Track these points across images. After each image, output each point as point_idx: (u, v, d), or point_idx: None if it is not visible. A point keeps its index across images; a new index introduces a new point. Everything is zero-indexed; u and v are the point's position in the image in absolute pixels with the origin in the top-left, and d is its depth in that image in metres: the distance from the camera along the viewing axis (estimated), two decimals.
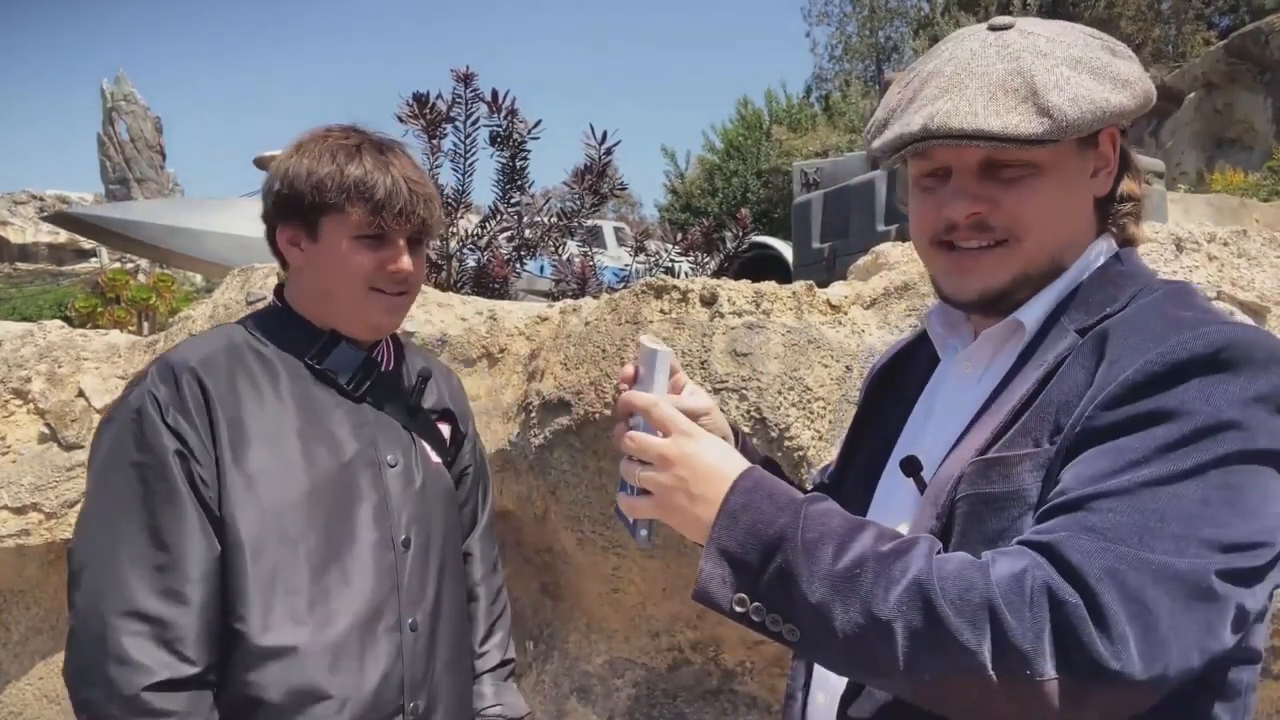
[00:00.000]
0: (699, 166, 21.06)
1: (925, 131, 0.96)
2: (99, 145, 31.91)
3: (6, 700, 2.66)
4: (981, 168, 0.99)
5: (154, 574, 1.23)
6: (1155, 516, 0.82)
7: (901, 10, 21.68)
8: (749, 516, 0.90)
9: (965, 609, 0.81)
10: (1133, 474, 0.84)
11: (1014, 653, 0.79)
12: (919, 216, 1.05)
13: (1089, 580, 0.80)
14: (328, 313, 1.41)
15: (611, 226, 11.63)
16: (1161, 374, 0.87)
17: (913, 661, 0.82)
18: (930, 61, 1.03)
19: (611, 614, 2.33)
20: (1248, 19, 15.58)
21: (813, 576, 0.86)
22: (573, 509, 2.20)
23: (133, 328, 11.11)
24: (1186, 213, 6.72)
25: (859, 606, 0.84)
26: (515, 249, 4.28)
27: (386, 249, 1.38)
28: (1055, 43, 0.99)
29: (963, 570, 0.84)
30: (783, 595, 0.87)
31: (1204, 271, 1.76)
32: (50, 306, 18.27)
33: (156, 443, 1.26)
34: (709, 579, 0.89)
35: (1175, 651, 0.80)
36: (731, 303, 2.09)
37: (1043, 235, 1.00)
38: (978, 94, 0.96)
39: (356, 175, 1.34)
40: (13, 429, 2.66)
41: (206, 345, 1.38)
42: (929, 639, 0.81)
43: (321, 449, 1.35)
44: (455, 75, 4.10)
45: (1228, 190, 9.84)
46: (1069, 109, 0.94)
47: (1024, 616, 0.80)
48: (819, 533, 0.88)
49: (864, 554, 0.86)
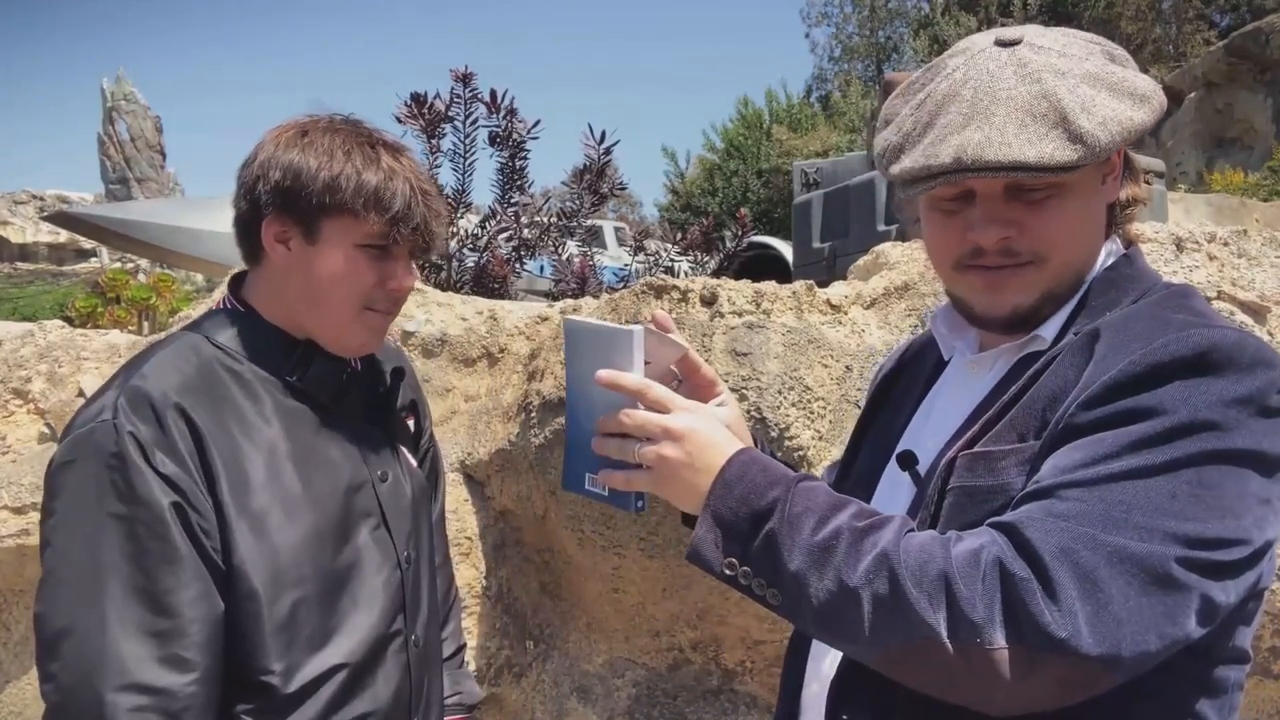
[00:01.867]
0: (699, 166, 21.09)
1: (958, 164, 0.95)
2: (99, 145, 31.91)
3: (6, 700, 2.66)
4: (1006, 190, 0.99)
5: (153, 641, 1.09)
6: (1121, 507, 0.84)
7: (901, 10, 21.69)
8: (743, 487, 0.95)
9: (924, 581, 0.85)
10: (1104, 466, 0.86)
11: (966, 623, 0.82)
12: (942, 240, 1.04)
13: (1043, 556, 0.83)
14: (307, 323, 1.28)
15: (611, 226, 11.62)
16: (1143, 374, 0.88)
17: (876, 630, 0.86)
18: (943, 80, 1.01)
19: (611, 614, 2.33)
20: (1248, 19, 15.57)
21: (794, 546, 0.91)
22: (573, 509, 2.20)
23: (133, 328, 11.11)
24: (1187, 213, 6.72)
25: (831, 575, 0.89)
26: (515, 249, 4.28)
27: (390, 263, 1.27)
28: (1067, 57, 0.99)
29: (925, 545, 0.88)
30: (768, 562, 0.92)
31: (1204, 271, 1.76)
32: (51, 306, 18.27)
33: (148, 495, 1.10)
34: (702, 541, 0.95)
35: (1129, 632, 0.81)
36: (731, 302, 2.09)
37: (1067, 253, 1.01)
38: (1007, 122, 0.95)
39: (375, 181, 1.22)
40: (13, 429, 2.66)
41: (179, 369, 1.20)
42: (891, 608, 0.85)
43: (318, 475, 1.25)
44: (454, 75, 4.10)
45: (1228, 190, 9.84)
46: (1100, 134, 0.94)
47: (976, 588, 0.83)
48: (804, 506, 0.93)
49: (840, 527, 0.91)
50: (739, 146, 19.79)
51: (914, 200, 1.06)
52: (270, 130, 1.27)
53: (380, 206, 1.22)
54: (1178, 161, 12.76)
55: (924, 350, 1.24)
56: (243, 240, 1.29)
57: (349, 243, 1.24)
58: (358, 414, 1.34)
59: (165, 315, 11.55)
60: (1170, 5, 19.38)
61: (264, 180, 1.23)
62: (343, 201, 1.21)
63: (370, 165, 1.23)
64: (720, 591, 2.11)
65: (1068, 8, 17.97)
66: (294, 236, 1.24)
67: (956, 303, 1.09)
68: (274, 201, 1.23)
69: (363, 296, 1.26)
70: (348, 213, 1.22)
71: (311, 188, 1.21)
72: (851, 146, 16.46)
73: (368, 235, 1.24)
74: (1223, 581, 0.85)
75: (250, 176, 1.25)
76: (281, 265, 1.26)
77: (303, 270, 1.25)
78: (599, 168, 4.36)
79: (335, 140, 1.24)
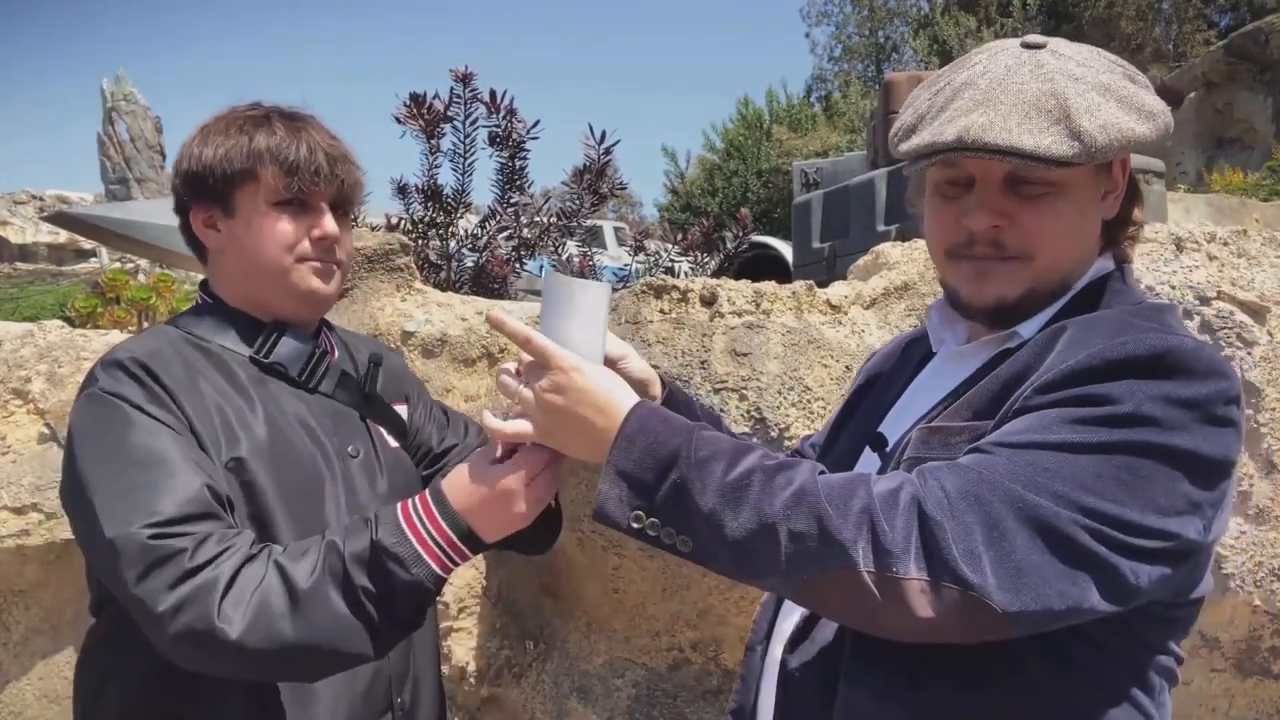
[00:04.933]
0: (699, 166, 21.08)
1: (959, 143, 0.99)
2: (99, 145, 31.90)
3: (6, 700, 2.66)
4: (1005, 182, 1.03)
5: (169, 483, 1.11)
6: (1045, 474, 0.88)
7: (901, 10, 21.68)
8: (645, 439, 0.98)
9: (847, 512, 0.89)
10: (1040, 435, 0.90)
11: (884, 553, 0.87)
12: (939, 223, 1.09)
13: (954, 499, 0.88)
14: (260, 295, 1.33)
15: (611, 226, 11.63)
16: (1099, 366, 0.92)
17: (793, 561, 0.90)
18: (962, 71, 1.05)
19: (611, 614, 2.33)
20: (1248, 19, 15.56)
21: (705, 489, 0.94)
22: (573, 509, 2.20)
23: (133, 328, 11.09)
24: (1187, 213, 6.73)
25: (748, 512, 0.92)
26: (515, 249, 4.28)
27: (309, 215, 1.32)
28: (1086, 67, 1.02)
29: (849, 482, 0.92)
30: (677, 509, 0.95)
31: (1204, 271, 1.76)
32: (52, 306, 18.27)
33: (143, 422, 1.16)
34: (606, 498, 0.98)
35: (1031, 585, 0.85)
36: (731, 303, 2.09)
37: (1055, 254, 1.04)
38: (1013, 110, 0.98)
39: (267, 142, 1.29)
40: (13, 429, 2.66)
41: (145, 343, 1.27)
42: (810, 538, 0.89)
43: (288, 437, 1.28)
44: (454, 75, 4.10)
45: (1228, 190, 9.84)
46: (1099, 135, 0.97)
47: (895, 523, 0.88)
48: (710, 451, 0.96)
49: (752, 467, 0.94)
50: (739, 146, 19.78)
51: (924, 191, 1.11)
52: None
53: (277, 161, 1.29)
54: (1177, 161, 12.76)
55: (913, 344, 1.27)
56: (188, 241, 1.38)
57: (262, 204, 1.30)
58: (333, 395, 1.38)
59: (165, 315, 11.53)
60: (1170, 5, 19.37)
61: (179, 176, 1.33)
62: (242, 168, 1.29)
63: (262, 130, 1.30)
64: (720, 591, 2.11)
65: (1068, 7, 17.97)
66: (217, 217, 1.32)
67: (948, 292, 1.13)
68: (190, 191, 1.32)
69: (290, 251, 1.31)
70: (250, 177, 1.29)
71: (213, 166, 1.29)
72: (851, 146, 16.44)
73: (274, 192, 1.30)
74: (1133, 562, 0.87)
75: (172, 180, 1.36)
76: (218, 248, 1.34)
77: (234, 245, 1.32)
78: (599, 168, 4.36)
79: (231, 122, 1.32)
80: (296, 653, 1.08)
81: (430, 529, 1.13)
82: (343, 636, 1.09)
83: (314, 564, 1.10)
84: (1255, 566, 1.71)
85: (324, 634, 1.08)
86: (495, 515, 1.14)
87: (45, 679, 2.65)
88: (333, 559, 1.11)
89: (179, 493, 1.11)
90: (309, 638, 1.08)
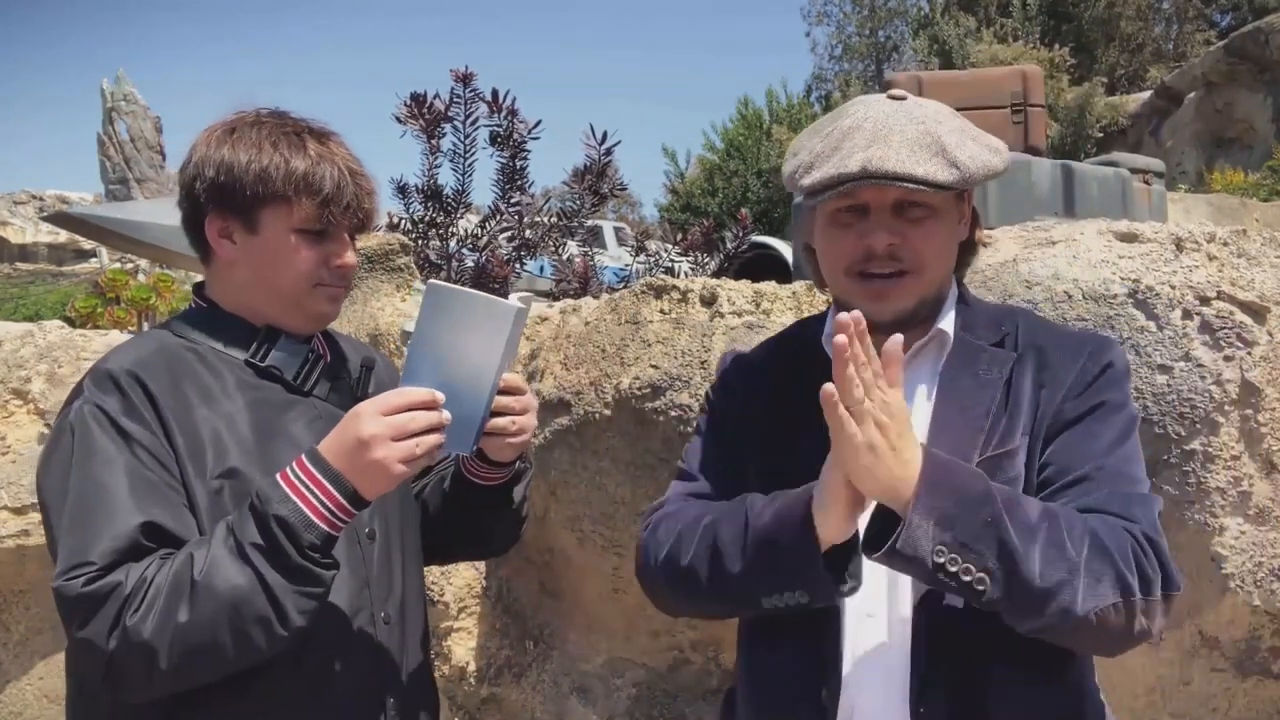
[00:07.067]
0: (699, 166, 21.04)
1: (864, 171, 1.16)
2: (99, 145, 31.88)
3: (6, 700, 2.66)
4: (894, 207, 1.21)
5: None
6: (1127, 480, 1.17)
7: (901, 10, 21.67)
8: (951, 480, 1.08)
9: (1123, 553, 1.08)
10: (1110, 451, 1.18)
11: (1146, 580, 1.08)
12: (839, 247, 1.24)
13: (1148, 531, 1.12)
14: (266, 309, 1.33)
15: (611, 226, 11.64)
16: (1095, 373, 1.22)
17: (1088, 597, 1.05)
18: (844, 119, 1.24)
19: (611, 614, 2.33)
20: (1248, 18, 15.56)
21: (1014, 528, 1.05)
22: (573, 509, 2.20)
23: (133, 328, 11.10)
24: (1187, 213, 6.73)
25: (1054, 553, 1.05)
26: (515, 249, 4.28)
27: (330, 244, 1.33)
28: (942, 114, 1.25)
29: (1108, 522, 1.11)
30: (986, 546, 1.05)
31: (1204, 271, 1.76)
32: (53, 306, 18.26)
33: (103, 449, 1.18)
34: (917, 531, 1.05)
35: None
36: (731, 303, 2.09)
37: (936, 268, 1.25)
38: (901, 146, 1.18)
39: (303, 168, 1.28)
40: (13, 429, 2.66)
41: (136, 349, 1.29)
42: (1101, 577, 1.06)
43: (279, 445, 1.28)
44: (454, 75, 4.10)
45: (1228, 190, 9.84)
46: (971, 165, 1.19)
47: (1142, 558, 1.09)
48: (1011, 493, 1.11)
49: (1046, 509, 1.10)
50: (739, 146, 19.76)
51: (811, 220, 1.28)
52: (202, 131, 1.34)
53: (311, 190, 1.28)
54: (1177, 161, 12.76)
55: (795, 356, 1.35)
56: (192, 241, 1.36)
57: (287, 229, 1.30)
58: (327, 398, 1.38)
59: (165, 315, 11.54)
60: (1170, 5, 19.37)
61: (200, 180, 1.30)
62: (275, 190, 1.28)
63: (297, 152, 1.29)
64: None
65: (1067, 7, 17.97)
66: (236, 230, 1.31)
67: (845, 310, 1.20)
68: (212, 199, 1.30)
69: (309, 277, 1.32)
70: (281, 200, 1.28)
71: (244, 180, 1.27)
72: None
73: (303, 219, 1.30)
74: None
75: (188, 178, 1.32)
76: (229, 259, 1.32)
77: (249, 261, 1.31)
78: (600, 168, 4.36)
79: (262, 132, 1.30)
80: (198, 633, 1.11)
81: (314, 490, 1.16)
82: (239, 606, 1.12)
83: (206, 550, 1.14)
84: (1255, 567, 1.71)
85: (224, 609, 1.11)
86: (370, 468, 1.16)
87: (45, 679, 2.66)
88: (221, 535, 1.15)
89: (105, 542, 1.14)
90: (208, 616, 1.11)
